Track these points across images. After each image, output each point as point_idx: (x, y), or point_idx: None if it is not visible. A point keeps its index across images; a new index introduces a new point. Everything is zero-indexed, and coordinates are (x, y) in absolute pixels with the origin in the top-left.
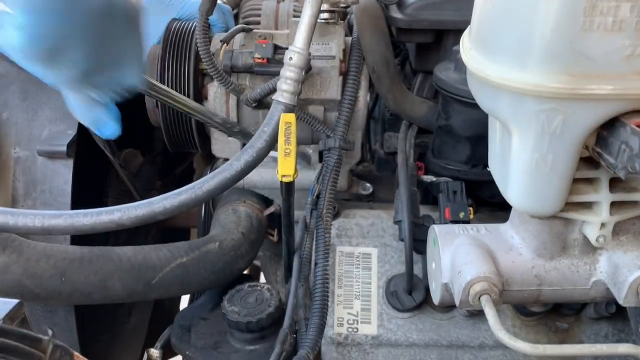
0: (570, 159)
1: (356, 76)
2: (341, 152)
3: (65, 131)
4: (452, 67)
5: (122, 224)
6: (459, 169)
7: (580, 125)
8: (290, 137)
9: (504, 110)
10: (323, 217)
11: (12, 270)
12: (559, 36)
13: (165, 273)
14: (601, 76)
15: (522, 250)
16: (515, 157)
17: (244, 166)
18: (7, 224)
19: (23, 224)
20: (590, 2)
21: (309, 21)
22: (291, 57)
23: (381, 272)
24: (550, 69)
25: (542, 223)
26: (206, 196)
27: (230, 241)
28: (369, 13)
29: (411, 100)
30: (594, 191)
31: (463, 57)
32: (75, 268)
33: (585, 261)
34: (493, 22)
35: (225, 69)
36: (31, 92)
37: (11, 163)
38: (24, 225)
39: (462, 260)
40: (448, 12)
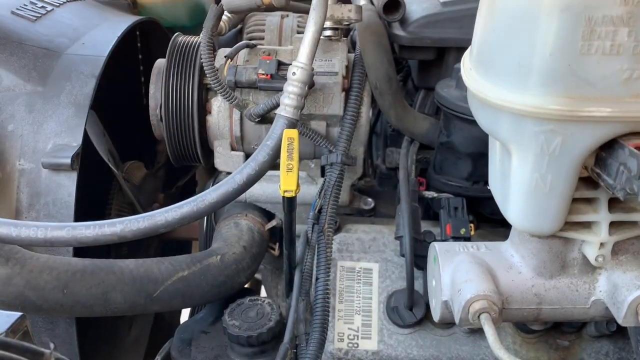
0: (569, 179)
1: (359, 92)
2: (343, 167)
3: (70, 144)
4: (453, 85)
5: (124, 237)
6: (460, 185)
7: (579, 146)
8: (292, 153)
9: (503, 130)
10: (325, 231)
11: (15, 282)
12: (558, 60)
13: (167, 286)
14: (600, 99)
15: (522, 268)
16: (515, 177)
17: (246, 180)
18: (10, 235)
19: (26, 236)
20: (588, 27)
21: (313, 37)
22: (294, 72)
23: (382, 288)
24: (549, 92)
25: (541, 242)
26: (208, 209)
27: (232, 255)
28: (372, 31)
29: (413, 117)
30: (593, 211)
31: (464, 78)
32: (77, 280)
33: (584, 280)
34: (493, 45)
35: (229, 84)
36: (37, 105)
37: (16, 175)
38: (26, 237)
39: (462, 278)
40: (450, 30)
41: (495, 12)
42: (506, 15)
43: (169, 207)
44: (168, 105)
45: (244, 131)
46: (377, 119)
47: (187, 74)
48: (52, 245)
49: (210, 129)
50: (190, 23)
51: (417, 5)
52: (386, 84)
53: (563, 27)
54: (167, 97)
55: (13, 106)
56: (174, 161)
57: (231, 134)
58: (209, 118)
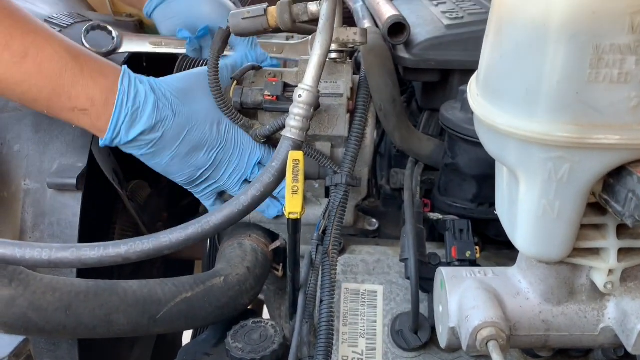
0: (578, 205)
1: (363, 114)
2: (348, 188)
3: (75, 164)
4: (458, 107)
5: (129, 258)
6: (465, 207)
7: (587, 173)
8: (298, 175)
9: (511, 157)
10: (329, 253)
11: (19, 304)
12: (566, 87)
13: (170, 308)
14: (608, 126)
15: (529, 294)
16: (522, 203)
17: (251, 201)
18: (14, 256)
19: (30, 257)
20: (596, 55)
21: (319, 60)
22: (300, 95)
23: (387, 310)
24: (557, 119)
25: (549, 268)
26: (213, 231)
27: (236, 276)
28: (377, 53)
29: (418, 138)
30: (601, 237)
31: (470, 103)
32: (80, 302)
33: (593, 307)
34: (500, 71)
35: (235, 105)
36: (44, 125)
37: (21, 195)
38: (31, 258)
39: (469, 304)
40: (454, 52)
41: (503, 39)
42: (513, 42)
43: (174, 228)
44: None
45: None
46: (381, 139)
47: None
48: (56, 267)
49: None
50: None
51: (422, 28)
52: (390, 105)
53: (570, 55)
54: None
55: (20, 126)
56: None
57: None
58: None
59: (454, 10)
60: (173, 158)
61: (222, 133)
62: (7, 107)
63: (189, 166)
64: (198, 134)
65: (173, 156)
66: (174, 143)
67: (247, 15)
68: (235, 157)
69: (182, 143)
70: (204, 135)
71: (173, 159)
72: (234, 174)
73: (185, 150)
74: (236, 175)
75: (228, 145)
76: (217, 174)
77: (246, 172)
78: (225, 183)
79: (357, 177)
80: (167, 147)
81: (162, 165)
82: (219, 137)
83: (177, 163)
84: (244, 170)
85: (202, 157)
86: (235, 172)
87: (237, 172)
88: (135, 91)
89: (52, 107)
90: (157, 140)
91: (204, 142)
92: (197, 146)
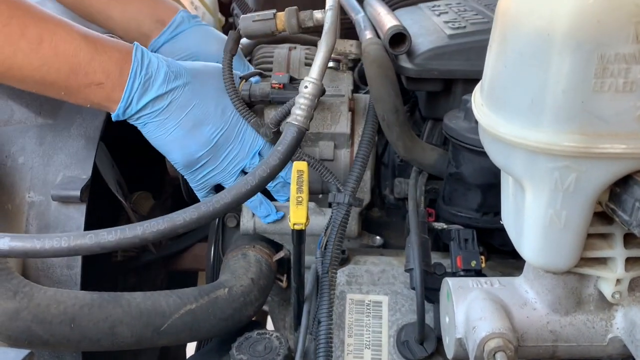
0: (584, 215)
1: (371, 138)
2: (349, 208)
3: (80, 176)
4: (461, 116)
5: (146, 239)
6: (470, 216)
7: (594, 182)
8: (302, 186)
9: (517, 167)
10: (329, 271)
11: (23, 317)
12: (571, 97)
13: (174, 320)
14: (614, 135)
15: (536, 305)
16: (529, 213)
17: (259, 181)
18: (34, 248)
19: (50, 246)
20: (601, 65)
21: (324, 56)
22: (306, 86)
23: (392, 321)
24: (563, 129)
25: (556, 278)
26: (223, 209)
27: (240, 287)
28: (378, 64)
29: (421, 148)
30: (608, 247)
31: (475, 113)
32: (84, 314)
33: (601, 317)
34: (505, 81)
35: (244, 97)
36: (48, 137)
37: (25, 207)
38: (50, 247)
39: (476, 315)
40: (457, 61)
41: (507, 49)
42: (517, 52)
43: (187, 208)
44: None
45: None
46: (384, 149)
47: None
48: (76, 254)
49: None
50: None
51: (424, 38)
52: (393, 115)
53: (575, 65)
54: None
55: (24, 139)
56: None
57: None
58: None
59: (457, 20)
60: (176, 131)
61: (227, 118)
62: (12, 120)
63: (190, 145)
64: (203, 111)
65: (177, 129)
66: (179, 114)
67: (257, 18)
68: (236, 144)
69: (187, 116)
70: (209, 113)
71: (176, 132)
72: (233, 161)
73: (189, 125)
74: (235, 163)
75: (230, 130)
76: (215, 160)
77: (245, 161)
78: (223, 171)
79: (360, 198)
80: (173, 117)
81: (165, 139)
82: (222, 120)
83: (180, 138)
84: (243, 159)
85: (204, 135)
86: (235, 160)
87: (236, 160)
88: (148, 61)
89: (70, 86)
90: (164, 109)
91: (208, 121)
92: (201, 122)
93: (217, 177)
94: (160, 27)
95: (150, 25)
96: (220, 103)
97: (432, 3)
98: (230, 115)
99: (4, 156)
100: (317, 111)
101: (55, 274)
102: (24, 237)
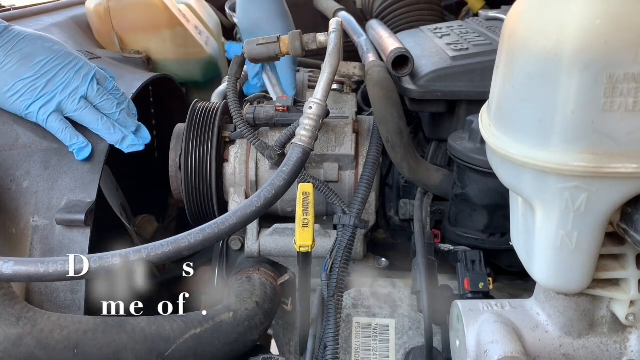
0: (596, 236)
1: (375, 161)
2: (355, 230)
3: (84, 200)
4: (466, 137)
5: (150, 261)
6: (476, 237)
7: (605, 202)
8: (308, 208)
9: (527, 187)
10: (335, 294)
11: (26, 343)
12: (581, 117)
13: (179, 345)
14: (625, 155)
15: (548, 327)
16: (539, 234)
17: (264, 202)
18: (38, 272)
19: (54, 270)
20: (610, 84)
21: (328, 77)
22: (311, 107)
23: (399, 345)
24: (573, 148)
25: (568, 300)
26: (229, 231)
27: (245, 311)
28: (382, 86)
29: (426, 168)
30: (620, 268)
31: (483, 134)
32: (88, 340)
33: (615, 340)
34: (513, 101)
35: (248, 120)
36: (53, 161)
37: (29, 231)
38: (55, 271)
39: (487, 338)
40: (460, 83)
41: (514, 70)
42: (525, 73)
43: (191, 230)
44: (188, 155)
45: (259, 177)
46: (388, 170)
47: (207, 129)
48: (80, 278)
49: (226, 177)
50: (203, 79)
51: (427, 60)
52: (397, 137)
53: (584, 85)
54: (187, 147)
55: (29, 163)
56: (192, 219)
57: (247, 180)
58: (225, 165)
59: (459, 42)
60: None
61: (55, 50)
62: (17, 144)
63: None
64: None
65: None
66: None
67: (261, 42)
68: (67, 71)
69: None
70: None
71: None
72: (69, 86)
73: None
74: (71, 88)
75: (59, 59)
76: (52, 85)
77: (82, 87)
78: (62, 94)
79: (365, 220)
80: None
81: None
82: (51, 51)
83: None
84: (79, 85)
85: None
86: (70, 85)
87: (71, 85)
88: None
89: None
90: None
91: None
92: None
93: (58, 98)
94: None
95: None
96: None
97: (433, 26)
98: (58, 49)
99: (8, 180)
100: (321, 133)
101: (59, 299)
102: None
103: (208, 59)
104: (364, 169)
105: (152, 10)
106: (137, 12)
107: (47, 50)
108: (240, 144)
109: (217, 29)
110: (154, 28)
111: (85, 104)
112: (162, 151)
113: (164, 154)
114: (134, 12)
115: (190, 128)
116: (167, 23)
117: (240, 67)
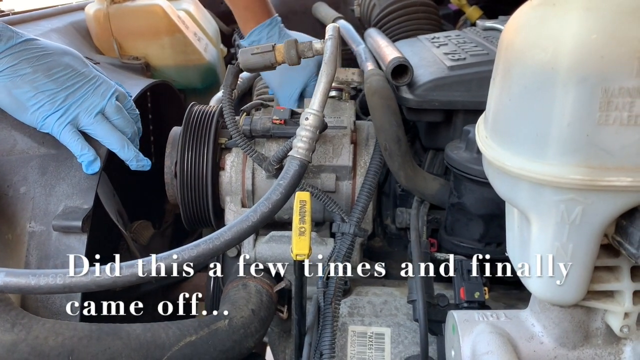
0: (591, 248)
1: (377, 169)
2: (354, 238)
3: (81, 206)
4: (463, 147)
5: (142, 278)
6: (472, 246)
7: (600, 215)
8: (305, 216)
9: (522, 199)
10: (333, 302)
11: (20, 349)
12: (576, 130)
13: (174, 352)
14: (620, 168)
15: (543, 338)
16: (534, 246)
17: (260, 217)
18: (29, 285)
19: (45, 283)
20: (605, 98)
21: (325, 87)
22: (307, 118)
23: (395, 354)
24: (568, 161)
25: (563, 311)
26: (224, 247)
27: (240, 319)
28: (380, 94)
29: (423, 177)
30: (615, 280)
31: (479, 145)
32: (83, 346)
33: (609, 351)
34: (509, 114)
35: (245, 132)
36: (50, 167)
37: (26, 237)
38: (45, 284)
39: (483, 349)
40: (457, 92)
41: (511, 83)
42: (522, 86)
43: (186, 246)
44: (183, 162)
45: (255, 186)
46: (385, 179)
47: (203, 134)
48: (71, 291)
49: (222, 185)
50: (202, 85)
51: (425, 69)
52: (395, 145)
53: (580, 99)
54: (183, 154)
55: (26, 169)
56: (187, 225)
57: (243, 189)
58: (222, 174)
59: (456, 51)
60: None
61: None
62: (14, 150)
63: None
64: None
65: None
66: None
67: (256, 51)
68: (88, 86)
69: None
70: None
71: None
72: (87, 100)
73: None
74: (89, 102)
75: (80, 76)
76: (72, 97)
77: (102, 102)
78: (79, 107)
79: (365, 229)
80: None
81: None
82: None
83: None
84: (99, 101)
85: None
86: (88, 99)
87: (90, 99)
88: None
89: None
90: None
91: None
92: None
93: (75, 112)
94: None
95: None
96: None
97: (431, 35)
98: (81, 65)
99: (5, 186)
100: (319, 143)
101: (54, 305)
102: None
103: (207, 66)
104: (366, 179)
105: (151, 17)
106: (137, 18)
107: (71, 65)
108: (237, 152)
109: (216, 35)
110: (154, 34)
111: (101, 118)
112: (158, 157)
113: (160, 160)
114: (133, 18)
115: (186, 133)
116: (167, 30)
117: (236, 77)
